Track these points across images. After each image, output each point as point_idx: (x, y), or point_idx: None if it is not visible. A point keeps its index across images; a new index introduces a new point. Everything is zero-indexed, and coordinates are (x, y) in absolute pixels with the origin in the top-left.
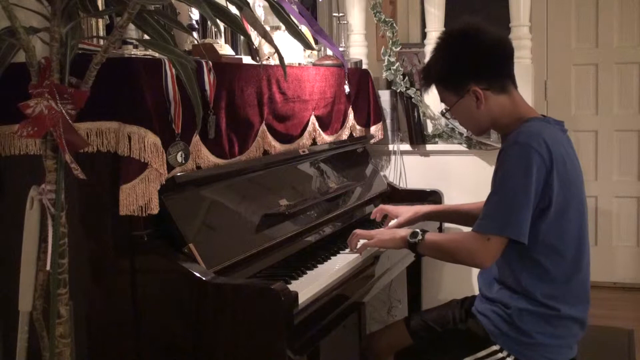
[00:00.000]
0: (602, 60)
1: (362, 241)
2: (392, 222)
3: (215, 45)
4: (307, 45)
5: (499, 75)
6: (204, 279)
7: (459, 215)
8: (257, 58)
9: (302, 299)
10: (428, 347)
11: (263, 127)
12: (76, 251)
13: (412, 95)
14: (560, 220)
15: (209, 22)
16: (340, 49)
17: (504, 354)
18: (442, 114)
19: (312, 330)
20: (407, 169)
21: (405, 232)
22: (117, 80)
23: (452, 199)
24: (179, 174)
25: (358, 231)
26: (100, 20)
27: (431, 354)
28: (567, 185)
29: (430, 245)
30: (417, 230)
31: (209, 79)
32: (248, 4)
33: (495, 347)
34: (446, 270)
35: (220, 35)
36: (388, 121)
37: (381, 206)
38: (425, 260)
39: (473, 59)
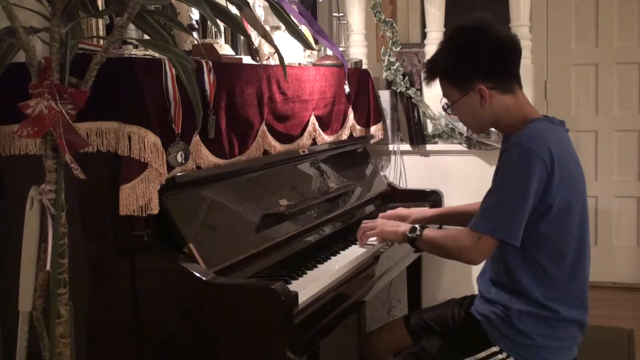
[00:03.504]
0: (602, 60)
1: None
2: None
3: (215, 45)
4: (307, 45)
5: (506, 74)
6: (204, 279)
7: (463, 217)
8: (257, 58)
9: (302, 299)
10: (428, 347)
11: (263, 127)
12: (76, 251)
13: (412, 95)
14: (562, 221)
15: (209, 22)
16: (340, 49)
17: (504, 355)
18: (444, 109)
19: (312, 330)
20: (407, 169)
21: (406, 226)
22: (117, 80)
23: (452, 199)
24: (179, 174)
25: (364, 224)
26: (100, 20)
27: (431, 354)
28: (570, 186)
29: (426, 240)
30: (416, 225)
31: (209, 79)
32: (248, 4)
33: (495, 349)
34: (446, 270)
35: (220, 35)
36: (388, 121)
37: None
38: (425, 260)
39: (482, 56)
